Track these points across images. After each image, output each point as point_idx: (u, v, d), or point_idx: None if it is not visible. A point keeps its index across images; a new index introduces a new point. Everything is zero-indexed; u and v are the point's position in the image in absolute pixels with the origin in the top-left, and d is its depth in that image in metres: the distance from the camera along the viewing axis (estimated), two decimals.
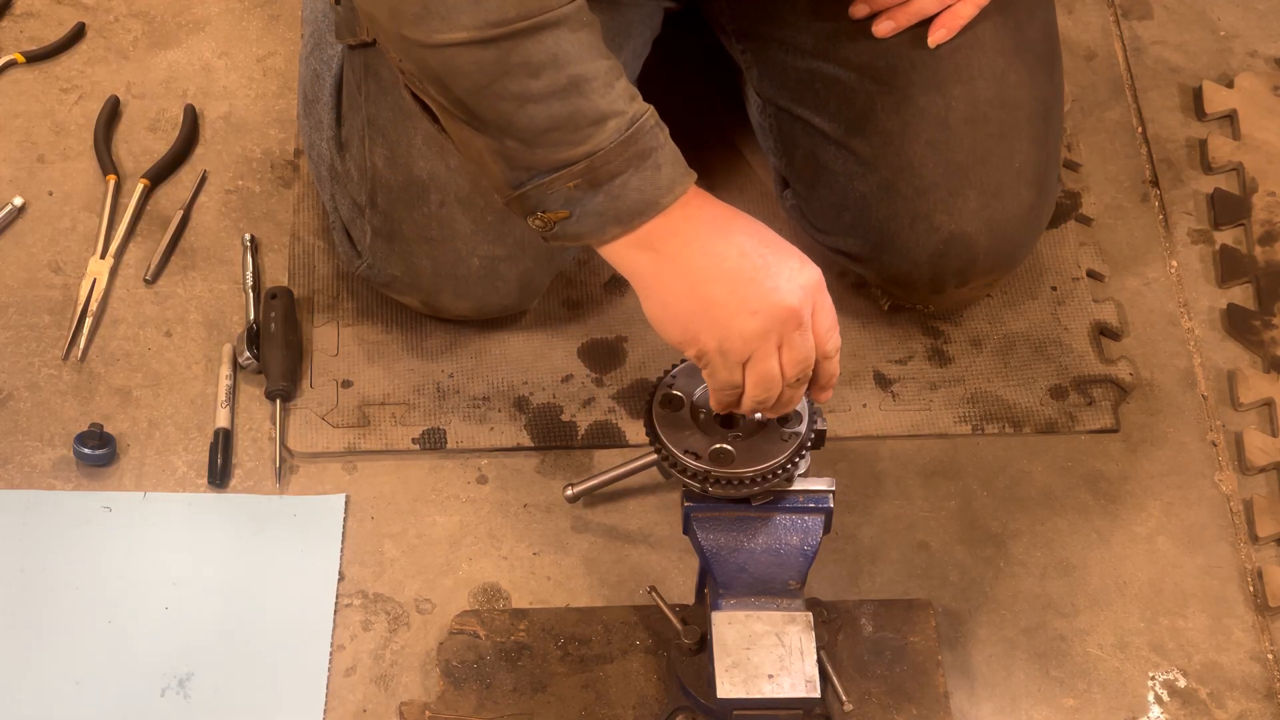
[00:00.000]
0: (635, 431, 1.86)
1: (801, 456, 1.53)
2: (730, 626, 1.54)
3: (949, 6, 1.78)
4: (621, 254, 1.47)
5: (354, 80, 1.80)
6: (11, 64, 2.13)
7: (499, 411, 1.87)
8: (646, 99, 1.46)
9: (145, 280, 1.96)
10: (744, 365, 1.47)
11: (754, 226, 1.48)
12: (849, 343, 1.94)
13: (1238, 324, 1.97)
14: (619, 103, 1.42)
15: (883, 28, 1.79)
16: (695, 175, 1.47)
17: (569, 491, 1.79)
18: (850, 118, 1.82)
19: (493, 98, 1.41)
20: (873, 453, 1.87)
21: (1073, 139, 2.11)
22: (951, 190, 1.80)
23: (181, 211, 2.01)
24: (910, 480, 1.85)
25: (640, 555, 1.79)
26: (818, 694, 1.52)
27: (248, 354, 1.87)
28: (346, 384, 1.89)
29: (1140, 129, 2.14)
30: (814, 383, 1.52)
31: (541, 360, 1.91)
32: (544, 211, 1.45)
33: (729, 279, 1.44)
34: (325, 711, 1.68)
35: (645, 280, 1.47)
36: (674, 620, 1.62)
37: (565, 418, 1.87)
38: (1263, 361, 1.94)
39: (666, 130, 1.46)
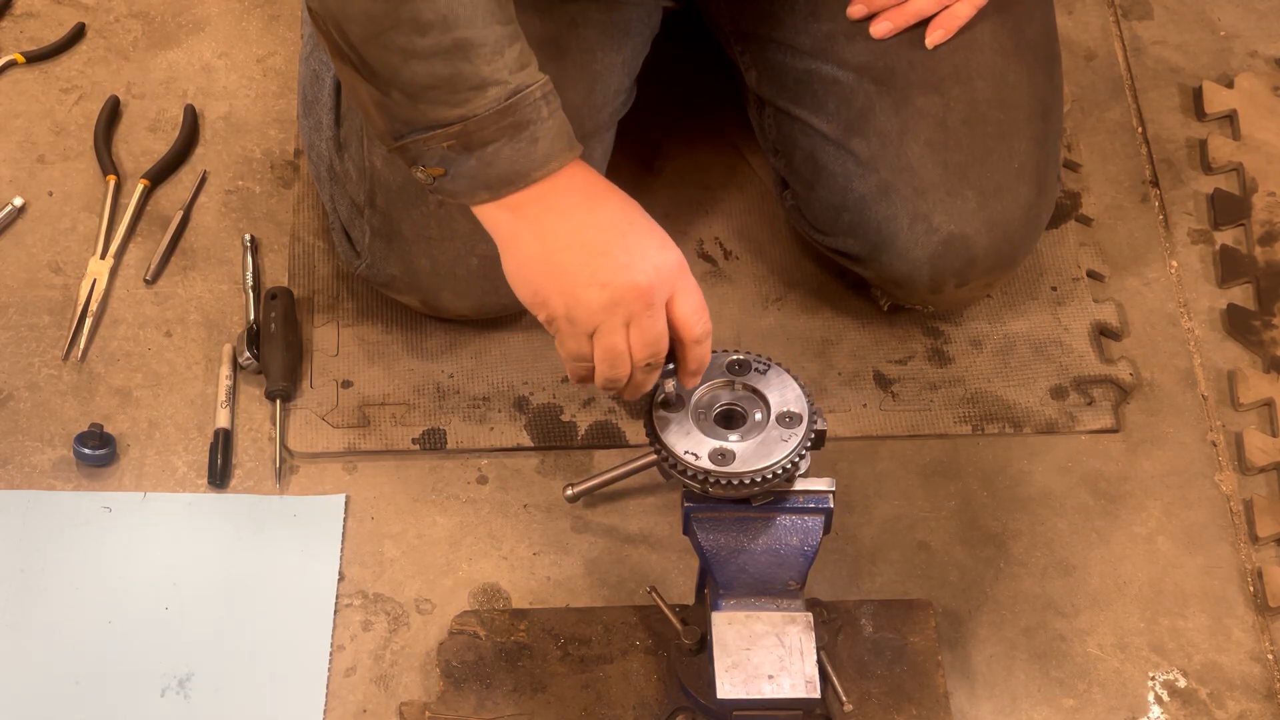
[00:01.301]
0: (635, 431, 1.86)
1: (801, 457, 1.53)
2: (730, 627, 1.54)
3: (946, 7, 1.78)
4: (484, 211, 1.51)
5: None
6: (11, 64, 2.13)
7: (499, 411, 1.87)
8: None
9: (145, 280, 1.96)
10: (592, 338, 1.49)
11: (624, 204, 1.50)
12: (849, 342, 1.94)
13: (1238, 324, 1.97)
14: (503, 71, 1.45)
15: (880, 29, 1.79)
16: (579, 151, 1.49)
17: (569, 492, 1.79)
18: (849, 118, 1.82)
19: (379, 49, 1.44)
20: (873, 453, 1.87)
21: (1073, 139, 2.11)
22: (950, 190, 1.79)
23: (181, 212, 2.01)
24: (910, 480, 1.85)
25: (640, 555, 1.79)
26: (818, 694, 1.51)
27: (248, 354, 1.87)
28: (346, 384, 1.89)
29: (1140, 129, 2.14)
30: (682, 368, 1.53)
31: (541, 360, 1.91)
32: (424, 166, 1.49)
33: (583, 249, 1.47)
34: (325, 711, 1.68)
35: (504, 239, 1.51)
36: (674, 620, 1.62)
37: (565, 418, 1.87)
38: (1263, 361, 1.94)
39: (556, 105, 1.48)
